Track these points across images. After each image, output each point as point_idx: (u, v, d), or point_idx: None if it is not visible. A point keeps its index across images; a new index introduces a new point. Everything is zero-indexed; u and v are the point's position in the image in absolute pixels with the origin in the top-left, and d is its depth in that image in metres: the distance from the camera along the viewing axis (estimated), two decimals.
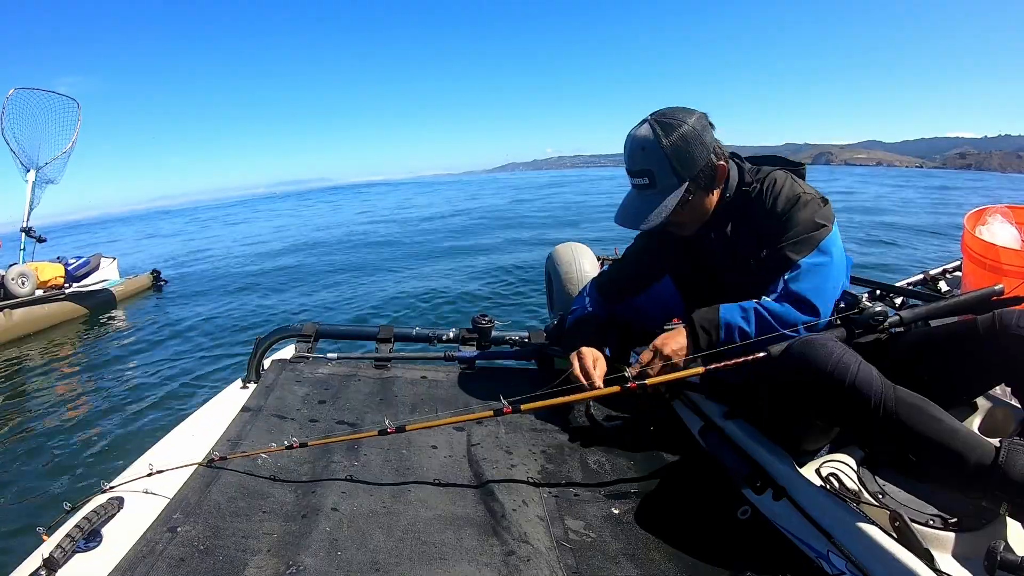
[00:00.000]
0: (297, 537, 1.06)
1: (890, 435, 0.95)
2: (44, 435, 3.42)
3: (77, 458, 3.09)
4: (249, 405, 1.54)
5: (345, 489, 1.23)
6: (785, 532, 1.13)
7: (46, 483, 2.85)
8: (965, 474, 0.90)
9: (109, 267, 7.02)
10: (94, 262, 6.77)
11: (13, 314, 5.43)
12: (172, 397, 3.89)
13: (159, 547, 0.98)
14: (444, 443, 1.45)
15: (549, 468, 1.39)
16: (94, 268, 6.73)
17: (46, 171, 6.42)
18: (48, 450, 3.21)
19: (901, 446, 0.95)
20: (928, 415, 0.94)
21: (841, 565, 0.98)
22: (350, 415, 1.55)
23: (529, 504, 1.23)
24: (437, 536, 1.10)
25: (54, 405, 3.94)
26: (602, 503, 1.27)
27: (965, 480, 0.90)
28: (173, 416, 3.40)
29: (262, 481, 1.23)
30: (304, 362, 1.84)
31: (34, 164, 6.33)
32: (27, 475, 2.95)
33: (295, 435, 1.43)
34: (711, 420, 1.43)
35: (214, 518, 1.08)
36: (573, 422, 1.58)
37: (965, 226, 1.74)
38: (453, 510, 1.19)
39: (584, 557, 1.10)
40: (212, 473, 1.22)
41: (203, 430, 1.41)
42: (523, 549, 1.06)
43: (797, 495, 1.11)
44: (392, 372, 1.82)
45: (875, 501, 1.03)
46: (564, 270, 3.36)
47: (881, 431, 0.96)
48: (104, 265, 6.93)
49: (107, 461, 3.02)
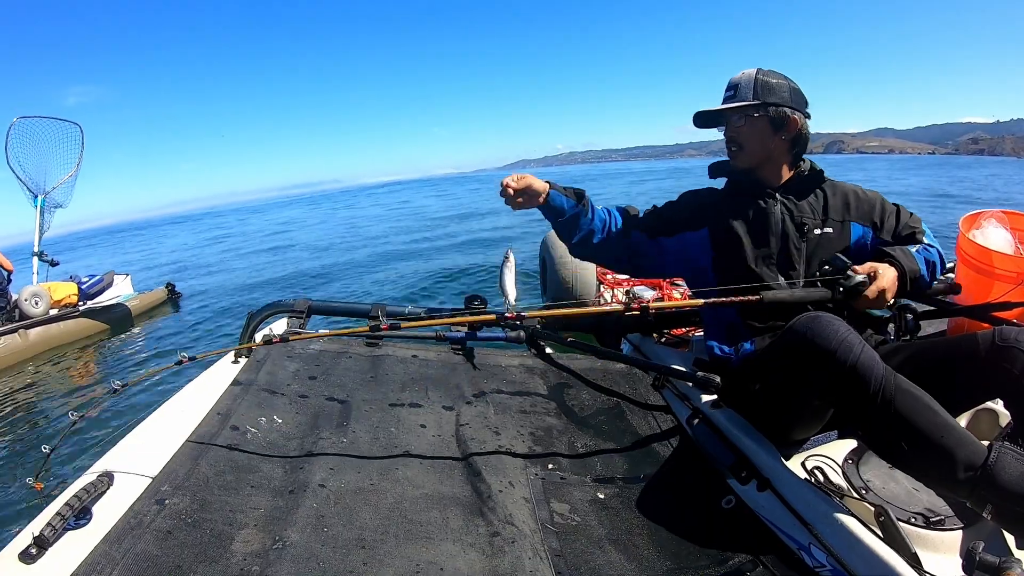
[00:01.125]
0: (284, 512, 1.06)
1: (886, 421, 0.96)
2: (62, 452, 3.35)
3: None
4: (240, 379, 1.53)
5: (333, 465, 1.23)
6: (768, 523, 1.14)
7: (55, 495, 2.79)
8: (954, 471, 0.90)
9: (123, 283, 6.95)
10: (107, 279, 6.71)
11: (29, 334, 5.47)
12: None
13: (147, 519, 0.98)
14: (433, 422, 1.45)
15: (537, 450, 1.39)
16: (108, 285, 6.68)
17: (54, 196, 6.46)
18: (63, 467, 3.13)
19: (895, 434, 0.95)
20: (925, 405, 0.94)
21: (822, 558, 1.00)
22: (340, 392, 1.55)
23: (515, 486, 1.24)
24: (423, 515, 1.10)
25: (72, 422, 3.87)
26: (588, 487, 1.28)
27: (953, 477, 0.91)
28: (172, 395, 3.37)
29: (251, 456, 1.23)
30: (296, 337, 1.83)
31: (41, 190, 6.37)
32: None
33: (285, 410, 1.43)
34: (699, 409, 1.43)
35: (202, 491, 1.08)
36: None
37: (960, 229, 1.74)
38: (440, 489, 1.20)
39: (568, 540, 1.11)
40: (201, 447, 1.21)
41: (194, 404, 1.40)
42: (508, 530, 1.07)
43: (781, 487, 1.12)
44: (383, 350, 1.81)
45: (859, 496, 1.04)
46: (558, 254, 3.35)
47: (877, 416, 0.96)
48: (117, 281, 6.90)
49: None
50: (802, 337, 1.05)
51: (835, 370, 0.99)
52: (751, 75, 1.41)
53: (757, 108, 1.38)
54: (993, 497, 0.88)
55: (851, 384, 0.98)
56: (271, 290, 8.02)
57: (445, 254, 9.09)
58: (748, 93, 1.39)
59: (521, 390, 1.65)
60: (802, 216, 1.41)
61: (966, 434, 0.93)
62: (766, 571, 1.05)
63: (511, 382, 1.68)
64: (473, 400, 1.57)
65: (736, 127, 1.42)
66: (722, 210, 1.47)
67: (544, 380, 1.71)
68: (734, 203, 1.47)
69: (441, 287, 6.64)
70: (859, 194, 1.46)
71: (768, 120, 1.39)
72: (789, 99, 1.40)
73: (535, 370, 1.75)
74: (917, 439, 0.93)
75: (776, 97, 1.39)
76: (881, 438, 1.00)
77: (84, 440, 3.01)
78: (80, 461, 2.70)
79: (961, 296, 1.60)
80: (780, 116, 1.38)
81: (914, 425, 0.93)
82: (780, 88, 1.40)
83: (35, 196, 6.33)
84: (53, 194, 6.45)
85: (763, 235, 1.41)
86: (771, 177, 1.44)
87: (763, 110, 1.38)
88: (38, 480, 1.10)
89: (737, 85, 1.42)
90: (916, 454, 0.94)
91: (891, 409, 0.94)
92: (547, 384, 1.69)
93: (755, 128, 1.40)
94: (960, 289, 1.56)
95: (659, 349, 1.83)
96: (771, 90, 1.39)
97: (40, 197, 6.33)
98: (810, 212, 1.42)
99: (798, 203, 1.42)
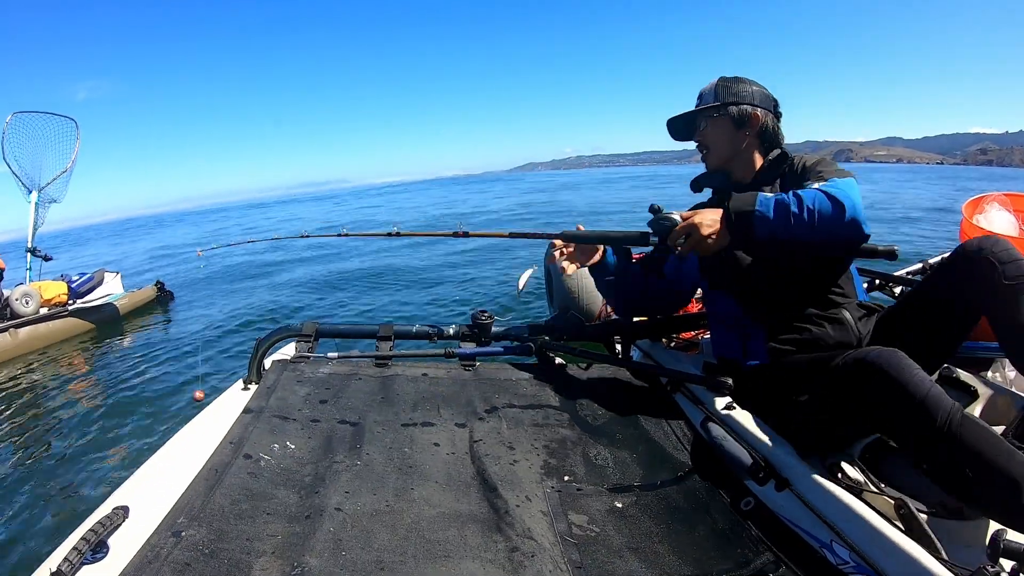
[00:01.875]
0: (301, 538, 1.06)
1: (951, 452, 0.95)
2: (53, 450, 3.41)
3: (87, 470, 3.08)
4: (251, 406, 1.54)
5: (348, 488, 1.23)
6: (788, 523, 1.13)
7: (56, 496, 2.84)
8: (1019, 496, 0.89)
9: (112, 281, 7.11)
10: (97, 277, 6.89)
11: (19, 333, 5.64)
12: (182, 405, 3.87)
13: (164, 552, 0.98)
14: (446, 440, 1.45)
15: (551, 463, 1.39)
16: (98, 283, 6.84)
17: (48, 191, 6.55)
18: (57, 464, 3.21)
19: (960, 463, 0.94)
20: (991, 434, 0.95)
21: (845, 555, 0.99)
22: (352, 414, 1.55)
23: (532, 500, 1.23)
24: (441, 534, 1.10)
25: (60, 420, 3.93)
26: (605, 497, 1.27)
27: (1018, 502, 0.89)
28: (183, 424, 3.46)
29: (265, 483, 1.23)
30: (305, 362, 1.84)
31: (36, 185, 6.46)
32: (37, 489, 2.94)
33: (297, 435, 1.43)
34: (712, 412, 1.43)
35: (218, 521, 1.08)
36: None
37: (963, 213, 1.74)
38: (456, 507, 1.19)
39: (588, 551, 1.10)
40: (215, 476, 1.22)
41: (205, 433, 1.41)
42: (527, 545, 1.06)
43: (800, 485, 1.11)
44: (393, 370, 1.82)
45: (878, 490, 1.03)
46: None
47: (944, 447, 0.96)
48: (108, 280, 7.04)
49: (121, 470, 3.00)
50: (873, 369, 1.03)
51: (904, 403, 0.98)
52: (713, 82, 1.52)
53: (717, 109, 1.48)
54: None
55: (919, 417, 0.97)
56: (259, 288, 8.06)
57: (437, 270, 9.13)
58: (710, 97, 1.50)
59: (533, 403, 1.65)
60: None
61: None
62: (789, 571, 1.04)
63: (522, 395, 1.68)
64: (485, 416, 1.57)
65: (701, 131, 1.53)
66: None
67: (555, 391, 1.71)
68: (713, 206, 1.51)
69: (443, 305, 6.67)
70: (804, 160, 1.49)
71: (730, 119, 1.48)
72: (753, 99, 1.47)
73: (545, 382, 1.75)
74: (981, 466, 0.93)
75: (735, 97, 1.47)
76: (945, 467, 0.98)
77: (95, 472, 3.03)
78: (93, 491, 2.72)
79: None
80: (741, 113, 1.47)
81: (980, 453, 0.93)
82: (741, 89, 1.48)
83: (29, 191, 6.42)
84: (48, 189, 6.54)
85: None
86: (744, 174, 1.52)
87: (723, 110, 1.48)
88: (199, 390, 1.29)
89: (702, 94, 1.53)
90: (982, 481, 0.93)
91: (957, 440, 0.94)
92: (558, 395, 1.69)
93: (718, 128, 1.50)
94: (896, 256, 1.48)
95: (669, 354, 1.82)
96: (731, 91, 1.48)
97: (35, 192, 6.44)
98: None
99: (763, 188, 1.47)
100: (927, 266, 2.36)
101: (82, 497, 2.80)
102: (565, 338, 1.91)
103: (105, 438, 3.49)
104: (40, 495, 2.87)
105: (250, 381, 1.70)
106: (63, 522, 2.55)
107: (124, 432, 3.56)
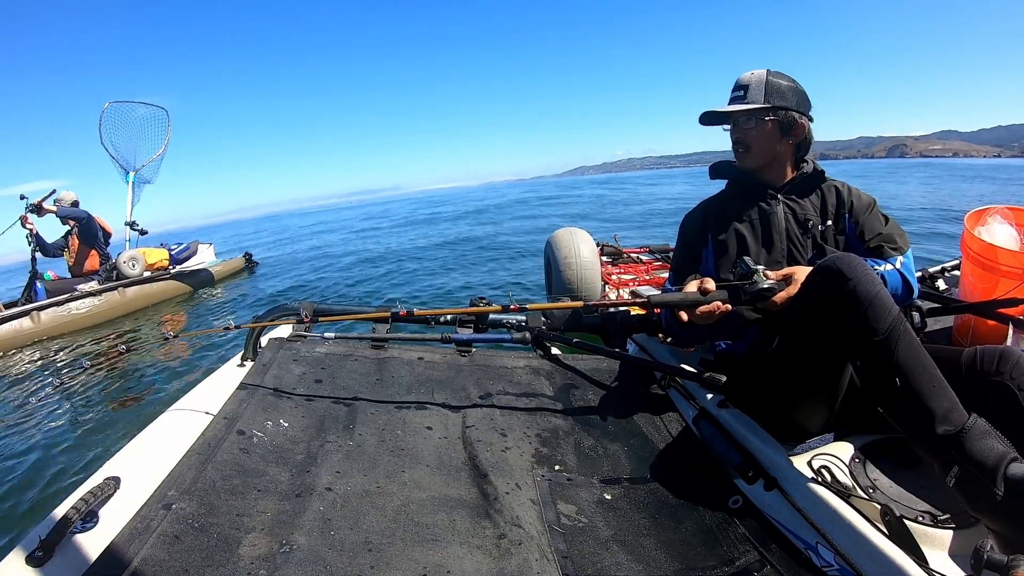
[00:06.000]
0: (291, 516, 1.06)
1: (888, 357, 1.00)
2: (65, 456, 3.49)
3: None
4: (246, 382, 1.54)
5: (339, 468, 1.23)
6: (775, 523, 1.14)
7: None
8: (933, 424, 0.95)
9: (206, 251, 7.99)
10: (193, 247, 7.74)
11: (127, 292, 6.42)
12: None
13: (153, 524, 0.99)
14: (439, 424, 1.46)
15: (543, 452, 1.39)
16: (193, 252, 7.70)
17: (143, 173, 7.29)
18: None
19: (892, 372, 1.00)
20: (926, 358, 1.01)
21: (829, 557, 0.99)
22: (346, 394, 1.56)
23: (522, 487, 1.24)
24: (430, 517, 1.10)
25: (160, 371, 4.17)
26: (595, 488, 1.28)
27: (931, 429, 0.96)
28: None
29: (257, 459, 1.23)
30: (301, 341, 1.84)
31: (132, 167, 7.17)
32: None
33: (291, 413, 1.43)
34: (705, 408, 1.43)
35: (209, 496, 1.09)
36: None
37: (965, 225, 1.73)
38: (446, 491, 1.20)
39: (575, 542, 1.11)
40: (208, 451, 1.22)
41: (200, 408, 1.41)
42: (515, 532, 1.07)
43: (788, 486, 1.12)
44: (389, 353, 1.82)
45: (866, 495, 1.04)
46: (563, 255, 3.35)
47: (882, 349, 1.01)
48: (202, 249, 7.90)
49: None
50: (828, 270, 1.08)
51: (860, 299, 1.02)
52: (762, 77, 1.41)
53: (767, 112, 1.39)
54: (960, 461, 0.92)
55: (869, 314, 1.01)
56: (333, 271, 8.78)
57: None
58: (759, 95, 1.40)
59: (527, 391, 1.65)
60: (805, 214, 1.42)
61: (955, 397, 0.98)
62: (774, 571, 1.05)
63: (517, 383, 1.68)
64: (479, 402, 1.57)
65: (745, 128, 1.43)
66: (724, 213, 1.49)
67: (550, 381, 1.71)
68: (736, 205, 1.49)
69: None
70: (852, 190, 1.46)
71: (777, 124, 1.40)
72: (797, 103, 1.40)
73: (541, 371, 1.75)
74: (910, 382, 0.98)
75: (785, 101, 1.39)
76: (878, 373, 1.03)
77: (89, 443, 3.03)
78: (85, 465, 2.72)
79: (967, 293, 1.59)
80: (789, 120, 1.40)
81: (912, 369, 0.98)
82: (789, 92, 1.40)
83: (126, 172, 7.15)
84: (142, 171, 7.29)
85: (768, 236, 1.43)
86: (775, 178, 1.46)
87: (773, 114, 1.39)
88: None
89: (747, 86, 1.42)
90: (905, 397, 0.99)
91: (895, 346, 0.99)
92: (553, 385, 1.69)
93: (764, 131, 1.41)
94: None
95: (664, 349, 1.82)
96: (781, 94, 1.39)
97: (131, 174, 7.16)
98: (812, 210, 1.43)
99: (800, 201, 1.44)
100: (927, 274, 2.32)
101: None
102: (562, 328, 1.92)
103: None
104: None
105: (246, 358, 1.70)
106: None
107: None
